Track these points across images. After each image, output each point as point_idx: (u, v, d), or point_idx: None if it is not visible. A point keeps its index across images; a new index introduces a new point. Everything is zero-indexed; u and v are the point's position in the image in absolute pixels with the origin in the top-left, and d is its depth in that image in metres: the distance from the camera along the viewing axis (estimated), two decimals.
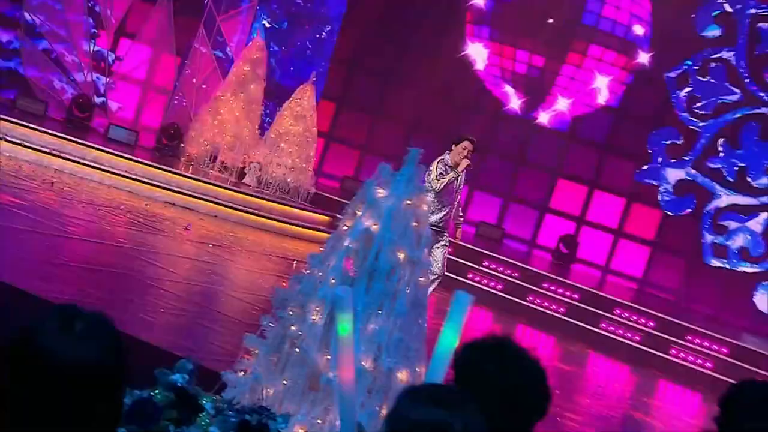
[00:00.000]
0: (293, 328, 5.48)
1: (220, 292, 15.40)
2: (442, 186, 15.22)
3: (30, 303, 10.81)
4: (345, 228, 5.45)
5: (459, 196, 15.87)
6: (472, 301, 3.69)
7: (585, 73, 25.88)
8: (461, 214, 16.29)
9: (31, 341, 2.49)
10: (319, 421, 5.30)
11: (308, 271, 5.45)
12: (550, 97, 26.06)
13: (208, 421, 5.27)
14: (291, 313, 5.48)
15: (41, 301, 10.72)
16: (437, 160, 15.52)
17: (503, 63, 26.38)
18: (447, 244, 16.05)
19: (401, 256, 5.39)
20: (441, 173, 15.36)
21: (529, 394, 3.60)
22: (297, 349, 5.42)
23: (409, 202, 5.47)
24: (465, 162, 15.60)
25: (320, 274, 5.45)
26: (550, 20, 24.99)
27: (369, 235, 5.42)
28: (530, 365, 3.66)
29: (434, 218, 15.10)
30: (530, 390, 3.59)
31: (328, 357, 5.40)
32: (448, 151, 15.86)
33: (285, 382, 5.47)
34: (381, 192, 5.48)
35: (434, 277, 15.45)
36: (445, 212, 15.54)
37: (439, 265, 15.64)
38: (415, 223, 5.50)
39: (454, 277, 20.26)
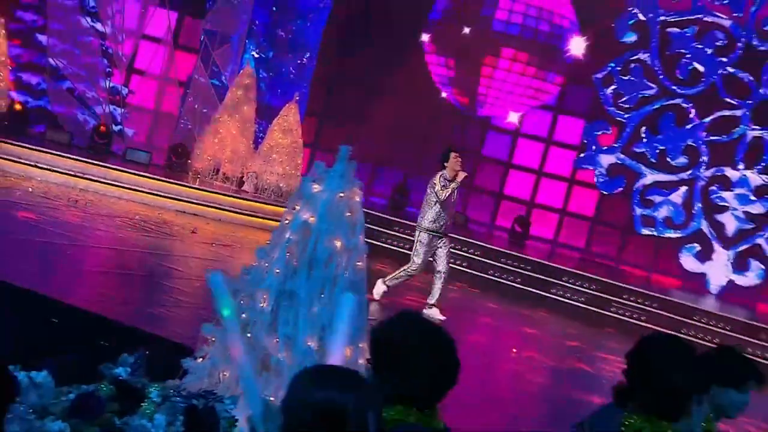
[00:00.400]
0: (244, 315, 5.12)
1: None
2: (446, 196, 14.92)
3: (58, 308, 10.44)
4: (286, 222, 5.10)
5: (454, 206, 15.56)
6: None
7: (525, 79, 25.79)
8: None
9: None
10: (272, 399, 4.95)
11: (256, 263, 5.11)
12: (497, 101, 25.98)
13: (153, 408, 4.96)
14: (242, 302, 5.15)
15: (67, 306, 10.36)
16: (438, 175, 15.21)
17: (447, 72, 26.34)
18: (448, 243, 15.72)
19: (338, 244, 5.06)
20: (444, 186, 15.01)
21: (436, 364, 3.36)
22: (249, 334, 5.06)
23: (342, 194, 5.12)
24: (462, 174, 15.31)
25: (266, 265, 5.10)
26: (467, 30, 24.74)
27: (307, 227, 5.07)
28: (436, 336, 3.46)
29: (436, 225, 15.13)
30: (436, 359, 3.37)
31: (277, 340, 5.05)
32: (443, 168, 15.35)
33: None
34: (316, 187, 5.12)
35: (440, 275, 15.39)
36: (445, 219, 15.18)
37: (444, 263, 15.40)
38: (348, 213, 5.16)
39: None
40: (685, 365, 4.08)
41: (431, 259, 15.44)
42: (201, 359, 5.44)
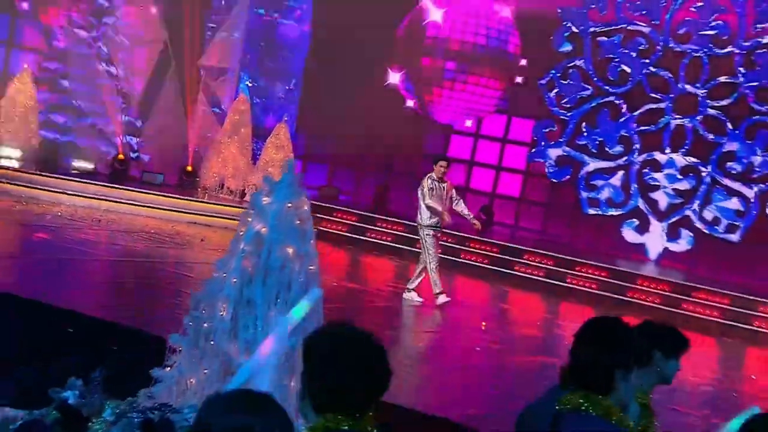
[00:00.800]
0: (206, 324, 4.57)
1: None
2: (432, 195, 14.26)
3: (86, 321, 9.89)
4: (241, 233, 4.56)
5: (447, 202, 14.56)
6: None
7: (480, 89, 25.43)
8: (469, 213, 15.26)
9: None
10: None
11: (215, 274, 4.58)
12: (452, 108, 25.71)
13: (104, 427, 4.43)
14: (204, 312, 4.61)
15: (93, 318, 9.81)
16: (426, 177, 14.53)
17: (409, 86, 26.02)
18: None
19: (290, 251, 4.53)
20: (431, 187, 14.34)
21: (365, 372, 2.98)
22: (212, 342, 4.52)
23: (290, 204, 4.57)
24: (448, 186, 14.66)
25: (224, 275, 4.55)
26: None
27: (260, 238, 4.53)
28: (364, 345, 3.06)
29: (433, 221, 14.45)
30: (366, 368, 2.99)
31: (237, 345, 4.52)
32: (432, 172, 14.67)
33: (205, 371, 4.61)
34: (266, 199, 4.58)
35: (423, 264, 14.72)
36: (441, 210, 14.42)
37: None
38: (298, 222, 4.60)
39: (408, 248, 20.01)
40: (607, 342, 3.79)
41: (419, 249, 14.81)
42: (169, 368, 4.96)
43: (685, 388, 11.82)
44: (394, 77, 26.02)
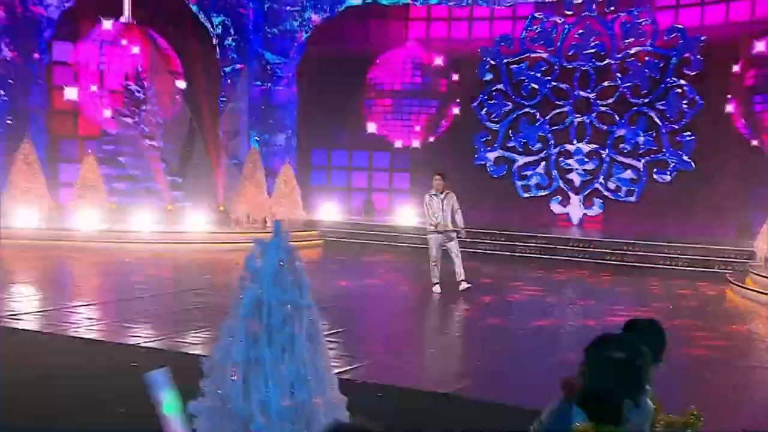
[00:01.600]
0: (220, 391, 3.27)
1: None
2: (429, 207, 12.50)
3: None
4: (241, 297, 3.28)
5: (447, 209, 12.53)
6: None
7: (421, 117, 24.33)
8: (462, 225, 12.85)
9: None
10: None
11: (222, 340, 3.31)
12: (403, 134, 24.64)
13: None
14: (216, 378, 3.34)
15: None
16: (426, 193, 12.76)
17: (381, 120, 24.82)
18: (453, 235, 12.73)
19: (288, 308, 3.22)
20: (427, 202, 12.56)
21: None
22: (228, 406, 3.23)
23: (282, 263, 3.28)
24: (448, 198, 12.63)
25: (231, 339, 3.27)
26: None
27: (259, 300, 3.22)
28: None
29: (431, 226, 12.64)
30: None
31: (252, 406, 3.23)
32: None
33: None
34: (259, 262, 3.30)
35: (456, 257, 12.73)
36: (438, 220, 12.52)
37: (455, 249, 12.68)
38: (292, 278, 3.31)
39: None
40: (621, 378, 2.66)
41: (445, 248, 12.79)
42: None
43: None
44: (372, 126, 25.07)
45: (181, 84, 24.01)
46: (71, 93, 22.89)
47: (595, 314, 11.61)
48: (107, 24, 22.79)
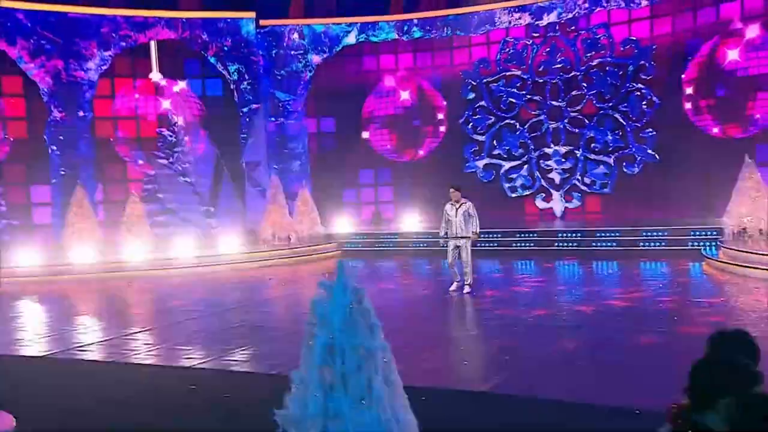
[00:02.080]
0: None
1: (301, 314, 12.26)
2: (445, 216, 11.85)
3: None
4: (310, 344, 2.69)
5: (460, 217, 11.77)
6: None
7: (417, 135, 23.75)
8: (475, 229, 12.00)
9: None
10: None
11: (294, 390, 2.73)
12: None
13: None
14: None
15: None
16: (447, 203, 11.92)
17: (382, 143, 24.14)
18: (467, 243, 11.79)
19: (361, 352, 2.64)
20: (445, 210, 11.86)
21: None
22: None
23: (351, 306, 2.70)
24: (464, 207, 11.86)
25: (304, 390, 2.69)
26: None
27: (330, 346, 2.63)
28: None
29: (446, 234, 11.95)
30: None
31: None
32: None
33: None
34: (326, 306, 2.70)
35: (466, 263, 11.85)
36: (452, 229, 11.81)
37: (465, 256, 11.77)
38: (362, 319, 2.73)
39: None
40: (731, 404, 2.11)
41: (458, 253, 11.97)
42: None
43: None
44: (365, 134, 24.58)
45: (206, 125, 23.50)
46: (115, 144, 22.49)
47: (603, 298, 10.97)
48: (140, 81, 22.27)
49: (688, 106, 20.36)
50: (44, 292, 14.99)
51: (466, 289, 12.03)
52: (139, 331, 10.16)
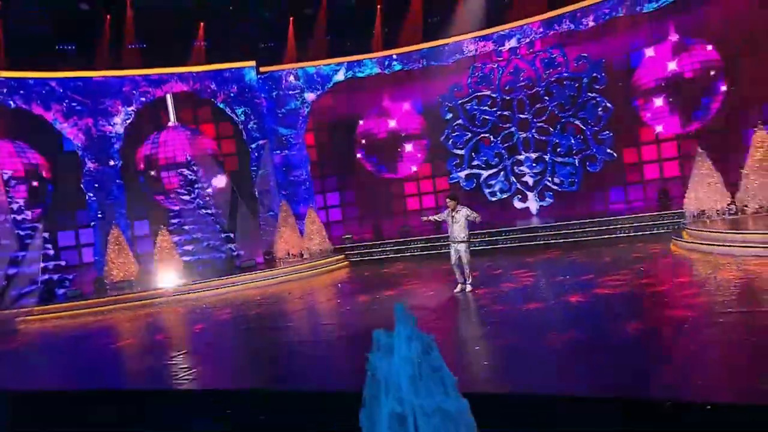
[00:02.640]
0: None
1: (319, 325, 10.96)
2: (442, 219, 10.94)
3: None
4: (371, 415, 1.76)
5: (456, 224, 10.74)
6: None
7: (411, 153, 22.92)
8: (477, 218, 10.92)
9: None
10: None
11: None
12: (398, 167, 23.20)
13: None
14: None
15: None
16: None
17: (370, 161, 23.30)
18: (463, 246, 10.76)
19: (439, 416, 1.73)
20: (445, 215, 10.87)
21: None
22: None
23: (419, 359, 1.78)
24: (462, 212, 10.79)
25: None
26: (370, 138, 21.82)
27: (400, 416, 1.72)
28: None
29: (449, 238, 10.95)
30: None
31: None
32: None
33: None
34: (388, 364, 1.78)
35: (464, 265, 10.84)
36: (449, 233, 10.89)
37: (464, 258, 10.76)
38: (434, 375, 1.82)
39: None
40: None
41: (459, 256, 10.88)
42: None
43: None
44: (366, 165, 23.65)
45: (220, 162, 22.66)
46: (143, 186, 21.66)
47: (593, 287, 10.10)
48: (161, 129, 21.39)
49: (638, 107, 19.66)
50: (114, 321, 13.95)
51: (468, 288, 11.12)
52: (180, 354, 9.09)
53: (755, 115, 16.86)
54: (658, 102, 19.17)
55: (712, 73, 18.38)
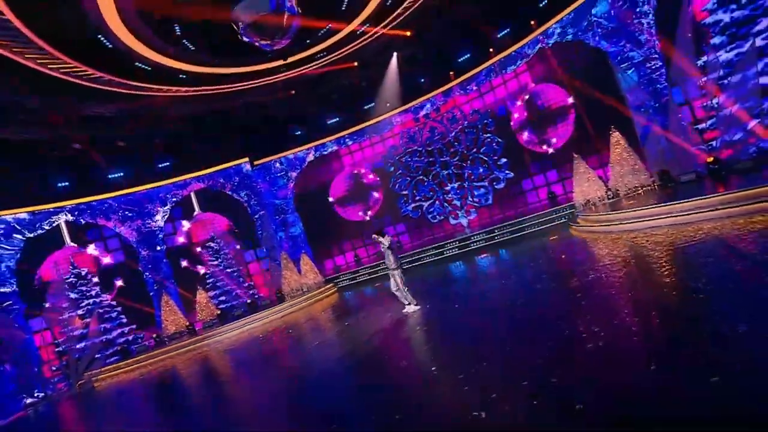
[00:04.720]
0: None
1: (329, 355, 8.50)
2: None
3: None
4: None
5: (386, 254, 9.05)
6: None
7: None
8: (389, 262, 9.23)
9: None
10: None
11: None
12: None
13: None
14: None
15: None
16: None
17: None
18: (392, 272, 9.16)
19: None
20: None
21: None
22: None
23: None
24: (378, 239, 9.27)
25: None
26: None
27: None
28: None
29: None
30: None
31: None
32: None
33: None
34: None
35: (396, 290, 9.23)
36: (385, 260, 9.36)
37: (394, 283, 9.15)
38: None
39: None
40: None
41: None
42: None
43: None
44: (341, 214, 22.36)
45: (234, 232, 21.32)
46: (182, 261, 20.24)
47: (535, 281, 8.37)
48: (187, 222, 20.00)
49: (519, 138, 18.89)
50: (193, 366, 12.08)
51: (411, 309, 9.29)
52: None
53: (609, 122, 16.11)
54: (527, 133, 18.42)
55: (563, 105, 17.74)
